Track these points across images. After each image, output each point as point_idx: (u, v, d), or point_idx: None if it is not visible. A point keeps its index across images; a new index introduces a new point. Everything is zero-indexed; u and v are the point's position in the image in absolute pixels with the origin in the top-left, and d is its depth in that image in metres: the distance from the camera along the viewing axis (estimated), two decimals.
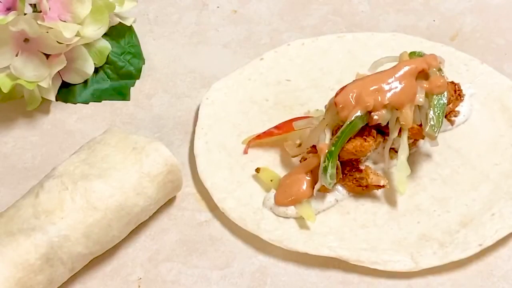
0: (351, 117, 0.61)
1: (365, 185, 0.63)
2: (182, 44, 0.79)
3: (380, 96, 0.61)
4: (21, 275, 0.55)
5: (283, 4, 0.83)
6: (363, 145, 0.61)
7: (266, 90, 0.72)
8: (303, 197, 0.62)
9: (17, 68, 0.69)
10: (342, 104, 0.61)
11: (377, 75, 0.63)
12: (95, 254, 0.59)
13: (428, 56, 0.64)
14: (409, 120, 0.62)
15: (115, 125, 0.72)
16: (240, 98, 0.71)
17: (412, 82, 0.62)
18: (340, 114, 0.62)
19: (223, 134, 0.68)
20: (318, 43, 0.76)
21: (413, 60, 0.63)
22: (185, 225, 0.64)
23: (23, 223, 0.57)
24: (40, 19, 0.67)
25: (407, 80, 0.62)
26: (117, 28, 0.76)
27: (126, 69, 0.76)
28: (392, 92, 0.61)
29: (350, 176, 0.63)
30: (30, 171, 0.68)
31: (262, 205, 0.64)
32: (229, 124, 0.69)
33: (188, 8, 0.83)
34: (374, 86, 0.62)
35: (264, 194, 0.64)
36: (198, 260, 0.62)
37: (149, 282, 0.60)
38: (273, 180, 0.65)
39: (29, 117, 0.73)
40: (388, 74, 0.63)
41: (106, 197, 0.59)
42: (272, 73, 0.74)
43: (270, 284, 0.60)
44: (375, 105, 0.61)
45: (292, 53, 0.75)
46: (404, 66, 0.63)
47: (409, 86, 0.62)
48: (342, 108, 0.61)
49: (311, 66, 0.74)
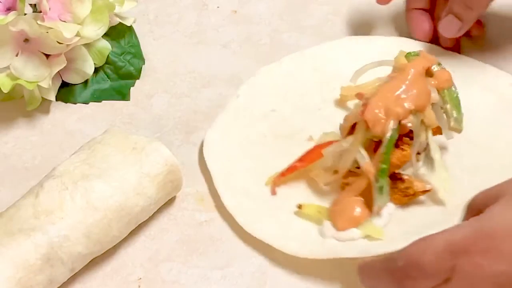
0: (388, 130, 0.60)
1: (412, 194, 0.62)
2: (182, 44, 0.79)
3: (405, 103, 0.61)
4: (21, 275, 0.55)
5: (283, 4, 0.83)
6: (404, 155, 0.61)
7: (258, 125, 0.70)
8: (363, 219, 0.61)
9: (17, 68, 0.69)
10: (373, 120, 0.60)
11: (391, 84, 0.63)
12: (95, 254, 0.59)
13: (426, 53, 0.64)
14: (433, 120, 0.62)
15: (115, 125, 0.72)
16: (238, 140, 0.68)
17: (425, 82, 0.63)
18: (374, 131, 0.61)
19: (242, 182, 0.65)
20: (283, 67, 0.74)
21: (418, 60, 0.63)
22: (185, 225, 0.64)
23: (23, 223, 0.57)
24: (40, 19, 0.67)
25: (420, 81, 0.62)
26: (117, 28, 0.76)
27: (126, 69, 0.76)
28: (413, 97, 0.61)
29: (395, 189, 0.62)
30: (30, 171, 0.68)
31: (321, 237, 0.61)
32: (242, 171, 0.66)
33: (188, 8, 0.83)
34: (394, 95, 0.61)
35: (316, 227, 0.62)
36: (198, 260, 0.62)
37: (149, 282, 0.60)
38: (321, 212, 0.62)
39: (29, 117, 0.73)
40: (401, 80, 0.62)
41: (106, 197, 0.59)
42: (255, 107, 0.71)
43: (270, 284, 0.60)
44: (404, 113, 0.61)
45: (264, 82, 0.73)
46: (411, 68, 0.62)
47: (424, 87, 0.62)
48: (374, 125, 0.60)
49: (286, 90, 0.72)
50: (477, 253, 0.47)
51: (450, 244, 0.48)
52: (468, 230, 0.48)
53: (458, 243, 0.48)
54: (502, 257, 0.46)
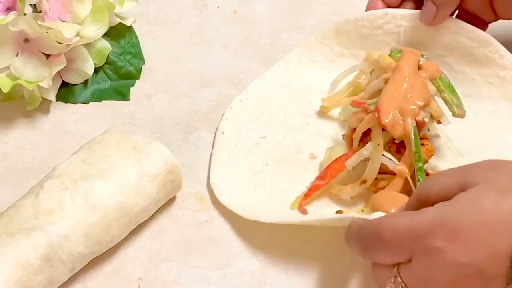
0: (409, 129, 0.60)
1: None
2: (182, 44, 0.79)
3: (414, 99, 0.61)
4: (21, 275, 0.55)
5: (283, 4, 0.83)
6: (428, 150, 0.62)
7: (256, 156, 0.68)
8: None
9: (17, 68, 0.69)
10: (392, 123, 0.61)
11: (392, 85, 0.63)
12: (95, 254, 0.59)
13: (409, 49, 0.66)
14: (439, 111, 0.63)
15: (115, 125, 0.72)
16: (243, 177, 0.66)
17: (420, 76, 0.63)
18: (395, 133, 0.61)
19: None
20: (251, 93, 0.72)
21: (407, 56, 0.64)
22: (185, 225, 0.64)
23: (23, 223, 0.57)
24: (40, 19, 0.67)
25: (416, 76, 0.63)
26: (117, 28, 0.76)
27: (126, 69, 0.76)
28: (417, 92, 0.62)
29: None
30: (30, 171, 0.68)
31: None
32: (259, 203, 0.64)
33: (188, 8, 0.83)
34: (401, 95, 0.62)
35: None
36: (198, 260, 0.62)
37: (149, 282, 0.60)
38: (364, 210, 0.62)
39: (29, 117, 0.73)
40: (399, 79, 0.63)
41: (106, 197, 0.59)
42: (243, 139, 0.69)
43: (270, 284, 0.60)
44: (418, 109, 0.61)
45: (241, 112, 0.71)
46: (406, 65, 0.63)
47: (421, 80, 0.63)
48: (394, 127, 0.61)
49: (267, 115, 0.71)
50: (438, 241, 0.46)
51: (411, 229, 0.48)
52: (432, 217, 0.47)
53: (420, 229, 0.47)
54: (465, 250, 0.46)
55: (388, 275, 0.50)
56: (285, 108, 0.72)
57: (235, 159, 0.68)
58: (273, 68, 0.74)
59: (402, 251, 0.49)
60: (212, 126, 0.71)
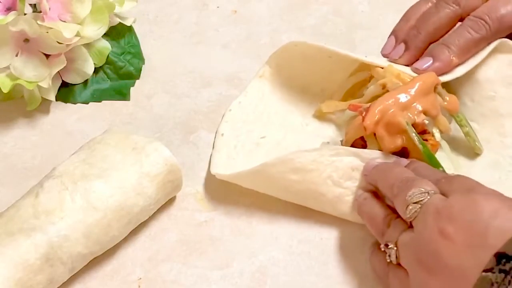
0: (404, 125, 0.60)
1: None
2: (182, 44, 0.80)
3: (415, 105, 0.62)
4: (21, 275, 0.55)
5: (283, 4, 0.83)
6: (433, 145, 0.62)
7: (256, 155, 0.67)
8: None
9: (17, 68, 0.69)
10: (371, 124, 0.61)
11: (392, 93, 0.63)
12: (95, 254, 0.59)
13: (431, 72, 0.64)
14: (447, 125, 0.63)
15: (115, 125, 0.72)
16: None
17: (433, 95, 0.63)
18: (367, 132, 0.61)
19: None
20: (249, 96, 0.72)
21: (427, 76, 0.63)
22: (185, 225, 0.64)
23: (23, 223, 0.57)
24: (40, 19, 0.67)
25: (428, 94, 0.62)
26: (117, 28, 0.76)
27: (126, 69, 0.76)
28: (422, 103, 0.62)
29: None
30: (30, 171, 0.68)
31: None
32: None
33: (188, 8, 0.83)
34: (398, 101, 0.62)
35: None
36: (198, 260, 0.62)
37: (149, 282, 0.60)
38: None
39: (29, 117, 0.73)
40: (403, 89, 0.62)
41: (106, 197, 0.59)
42: (242, 140, 0.69)
43: (270, 284, 0.60)
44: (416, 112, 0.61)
45: (240, 115, 0.71)
46: (420, 81, 0.62)
47: (433, 97, 0.63)
48: (371, 128, 0.61)
49: (266, 116, 0.71)
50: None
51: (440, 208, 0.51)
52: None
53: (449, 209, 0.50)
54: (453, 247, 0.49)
55: (385, 262, 0.55)
56: (286, 108, 0.72)
57: (235, 160, 0.68)
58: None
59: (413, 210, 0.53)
60: (212, 126, 0.71)
